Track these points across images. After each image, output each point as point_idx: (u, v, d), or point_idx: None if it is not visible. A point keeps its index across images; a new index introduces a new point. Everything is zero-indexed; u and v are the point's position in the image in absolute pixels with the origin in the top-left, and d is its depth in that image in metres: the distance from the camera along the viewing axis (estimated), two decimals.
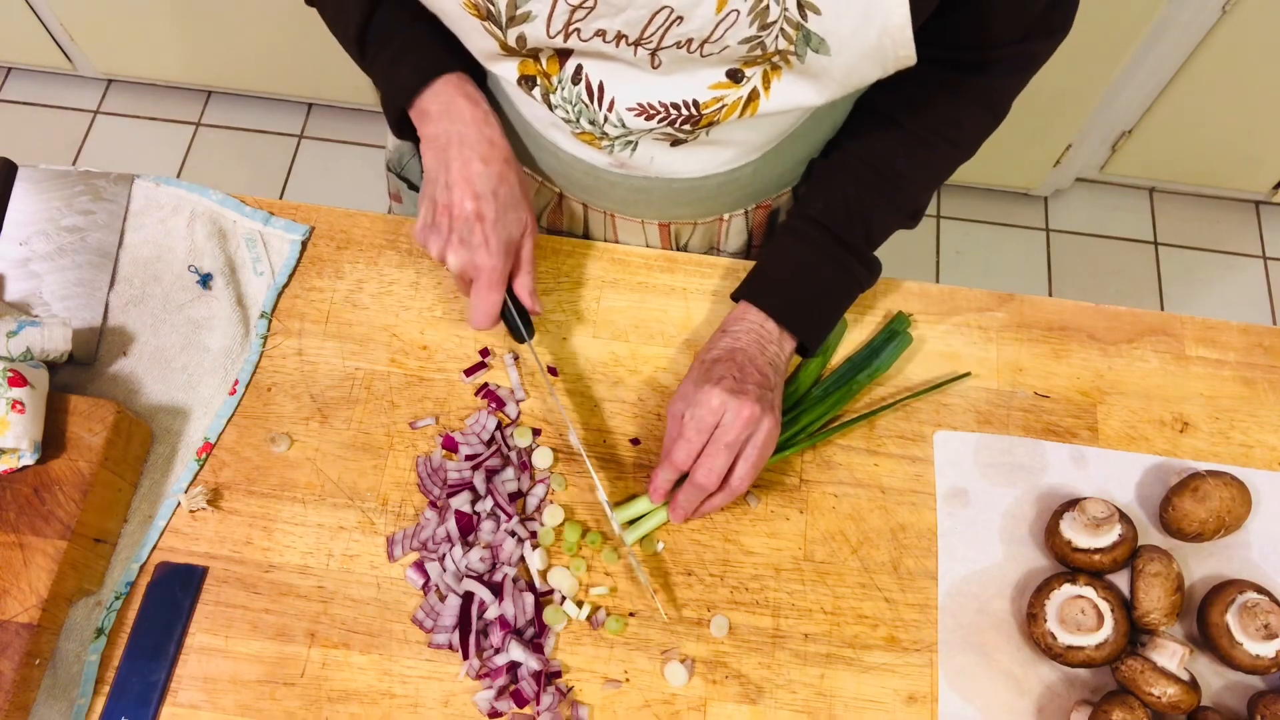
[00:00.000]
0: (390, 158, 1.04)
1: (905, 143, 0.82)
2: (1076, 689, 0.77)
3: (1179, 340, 0.91)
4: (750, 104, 0.70)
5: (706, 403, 0.75)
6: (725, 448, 0.74)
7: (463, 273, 0.77)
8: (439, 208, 0.76)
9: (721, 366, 0.77)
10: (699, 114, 0.72)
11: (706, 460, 0.75)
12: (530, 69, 0.73)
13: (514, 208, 0.77)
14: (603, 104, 0.73)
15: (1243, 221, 2.14)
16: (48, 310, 0.88)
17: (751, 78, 0.69)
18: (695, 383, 0.77)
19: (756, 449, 0.75)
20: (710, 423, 0.75)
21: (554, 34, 0.67)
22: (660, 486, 0.77)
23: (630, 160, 0.80)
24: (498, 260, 0.76)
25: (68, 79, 2.22)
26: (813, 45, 0.64)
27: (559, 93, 0.74)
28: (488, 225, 0.75)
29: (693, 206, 0.88)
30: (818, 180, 0.85)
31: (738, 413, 0.74)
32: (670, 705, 0.76)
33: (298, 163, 2.17)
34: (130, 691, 0.75)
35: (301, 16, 1.86)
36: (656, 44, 0.66)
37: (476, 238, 0.75)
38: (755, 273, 0.84)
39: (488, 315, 0.77)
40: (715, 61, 0.67)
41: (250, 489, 0.82)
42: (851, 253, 0.82)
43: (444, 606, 0.77)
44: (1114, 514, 0.77)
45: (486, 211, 0.75)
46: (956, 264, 2.09)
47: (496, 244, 0.75)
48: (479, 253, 0.75)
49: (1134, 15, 1.60)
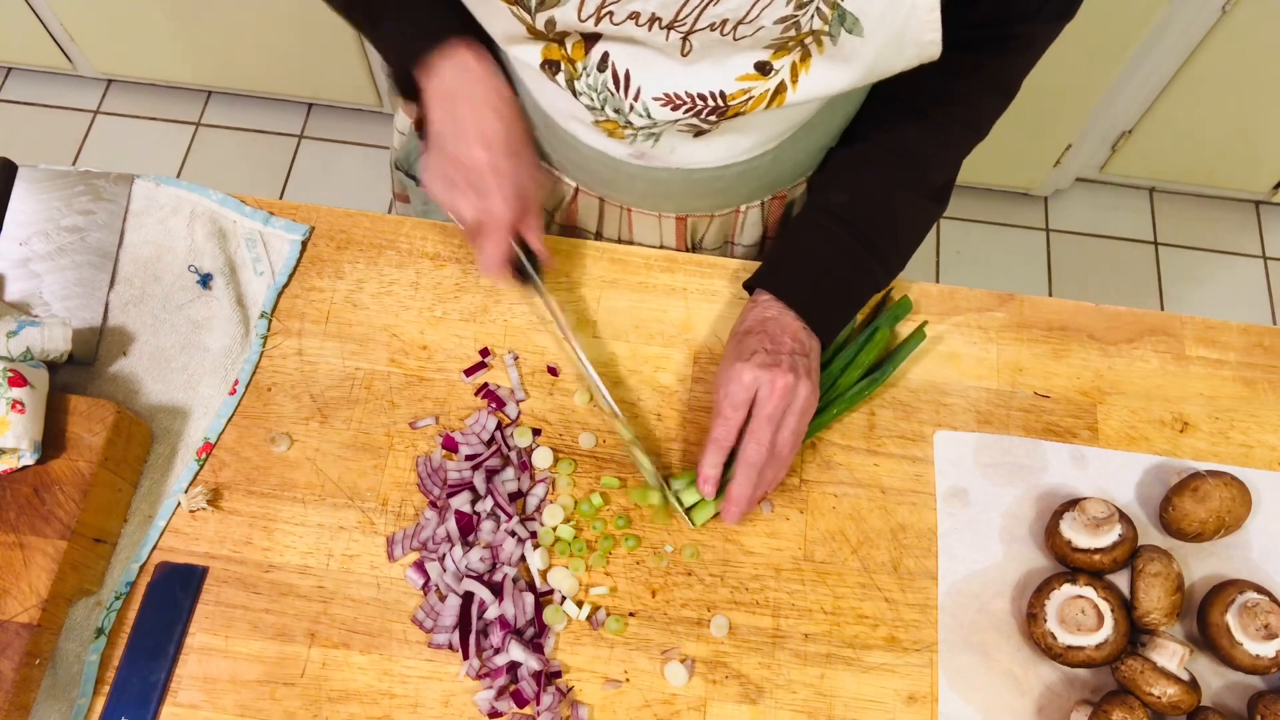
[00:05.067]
0: (397, 156, 1.04)
1: (925, 127, 0.82)
2: (1076, 689, 0.77)
3: (1179, 340, 0.91)
4: (777, 96, 0.71)
5: (739, 379, 0.76)
6: (766, 420, 0.75)
7: (475, 222, 0.77)
8: (449, 158, 0.76)
9: (753, 339, 0.78)
10: (725, 105, 0.72)
11: (751, 435, 0.75)
12: (555, 54, 0.73)
13: (522, 156, 0.78)
14: (629, 93, 0.73)
15: (1243, 221, 2.14)
16: (48, 310, 0.88)
17: (780, 70, 0.69)
18: (730, 360, 0.78)
19: (795, 416, 0.76)
20: (744, 398, 0.76)
21: (585, 17, 0.67)
22: (709, 474, 0.77)
23: (651, 151, 0.80)
24: (509, 208, 0.76)
25: (68, 79, 2.22)
26: (847, 25, 0.64)
27: (584, 79, 0.74)
28: (499, 174, 0.76)
29: (711, 198, 0.89)
30: (839, 172, 0.85)
31: (772, 385, 0.75)
32: (670, 705, 0.76)
33: (298, 163, 2.17)
34: (130, 691, 0.75)
35: (301, 16, 1.86)
36: (690, 26, 0.66)
37: (489, 185, 0.76)
38: (774, 262, 0.84)
39: (498, 260, 0.78)
40: (748, 45, 0.67)
41: (250, 489, 0.82)
42: (872, 252, 0.82)
43: (444, 606, 0.77)
44: (1114, 514, 0.77)
45: (497, 161, 0.76)
46: (956, 264, 2.09)
47: (508, 192, 0.76)
48: (492, 199, 0.76)
49: (1134, 15, 1.60)
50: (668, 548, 0.81)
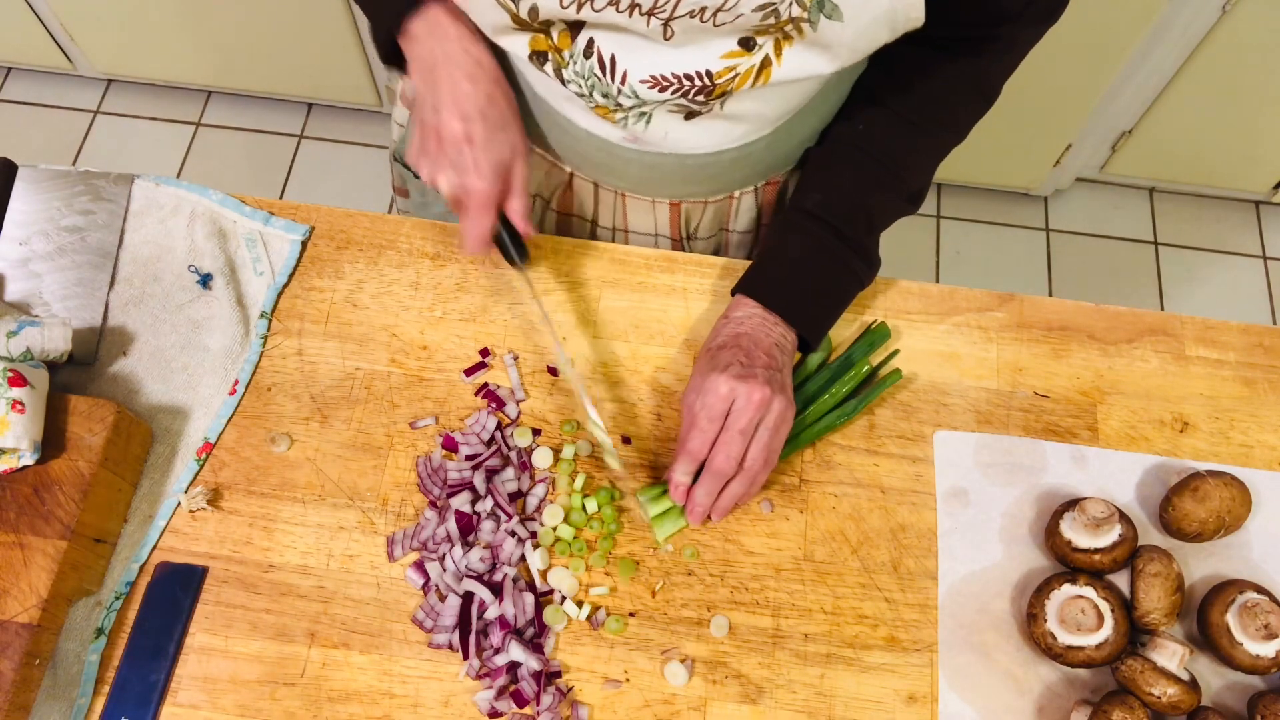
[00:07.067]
0: (395, 147, 1.04)
1: (902, 128, 0.82)
2: (1076, 689, 0.77)
3: (1179, 340, 0.91)
4: (763, 72, 0.70)
5: (715, 390, 0.75)
6: (739, 433, 0.74)
7: (454, 196, 0.76)
8: (428, 130, 0.75)
9: (727, 353, 0.77)
10: (712, 84, 0.72)
11: (721, 447, 0.75)
12: (541, 44, 0.73)
13: (503, 129, 0.76)
14: (615, 77, 0.73)
15: (1243, 221, 2.14)
16: (48, 310, 0.88)
17: (763, 45, 0.69)
18: (703, 372, 0.77)
19: (769, 430, 0.76)
20: (721, 410, 0.75)
21: (566, 4, 0.67)
22: (679, 481, 0.77)
23: (644, 134, 0.80)
24: (488, 183, 0.74)
25: (68, 79, 2.22)
26: (825, 11, 0.64)
27: (571, 67, 0.74)
28: (477, 148, 0.74)
29: (705, 183, 0.89)
30: (815, 171, 0.85)
31: (748, 397, 0.74)
32: (670, 705, 0.76)
33: (298, 163, 2.17)
34: (130, 691, 0.75)
35: (301, 16, 1.86)
36: (670, 13, 0.66)
37: (466, 160, 0.74)
38: (754, 267, 0.84)
39: (479, 239, 0.77)
40: (728, 31, 0.67)
41: (250, 489, 0.82)
42: (851, 247, 0.82)
43: (444, 606, 0.77)
44: (1114, 514, 0.77)
45: (475, 133, 0.74)
46: (956, 264, 2.09)
47: (486, 166, 0.74)
48: (469, 175, 0.74)
49: (1134, 15, 1.60)
50: (668, 548, 0.81)
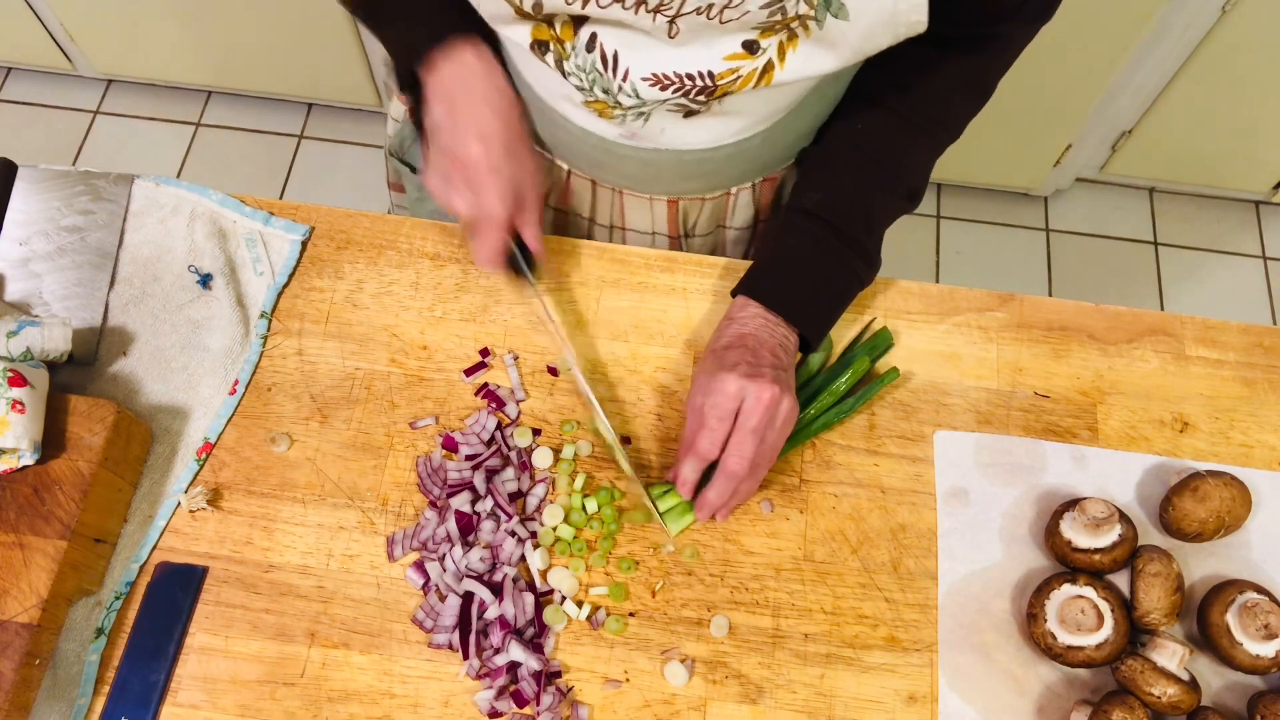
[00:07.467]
0: (391, 143, 1.04)
1: (899, 126, 0.82)
2: (1076, 689, 0.77)
3: (1179, 340, 0.91)
4: (765, 75, 0.71)
5: (724, 389, 0.75)
6: (751, 433, 0.74)
7: (469, 217, 0.78)
8: (446, 154, 0.77)
9: (734, 353, 0.77)
10: (714, 85, 0.72)
11: (734, 448, 0.75)
12: (544, 34, 0.73)
13: (520, 154, 0.79)
14: (617, 74, 0.73)
15: (1243, 221, 2.14)
16: (48, 310, 0.88)
17: (767, 49, 0.69)
18: (709, 372, 0.77)
19: (776, 431, 0.76)
20: (730, 409, 0.75)
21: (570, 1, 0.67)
22: (688, 479, 0.77)
23: (641, 131, 0.80)
24: (503, 205, 0.77)
25: (68, 79, 2.22)
26: (833, 10, 0.64)
27: (572, 60, 0.74)
28: (493, 171, 0.76)
29: (701, 180, 0.89)
30: (813, 170, 0.85)
31: (758, 396, 0.74)
32: (670, 705, 0.76)
33: (298, 163, 2.17)
34: (130, 691, 0.75)
35: (301, 16, 1.86)
36: (676, 10, 0.66)
37: (482, 183, 0.76)
38: (755, 268, 0.84)
39: (492, 256, 0.79)
40: (734, 28, 0.67)
41: (250, 489, 0.82)
42: (851, 247, 0.82)
43: (444, 606, 0.77)
44: (1114, 514, 0.77)
45: (493, 157, 0.76)
46: (956, 264, 2.09)
47: (502, 189, 0.77)
48: (485, 197, 0.77)
49: (1134, 15, 1.60)
50: (668, 548, 0.81)
